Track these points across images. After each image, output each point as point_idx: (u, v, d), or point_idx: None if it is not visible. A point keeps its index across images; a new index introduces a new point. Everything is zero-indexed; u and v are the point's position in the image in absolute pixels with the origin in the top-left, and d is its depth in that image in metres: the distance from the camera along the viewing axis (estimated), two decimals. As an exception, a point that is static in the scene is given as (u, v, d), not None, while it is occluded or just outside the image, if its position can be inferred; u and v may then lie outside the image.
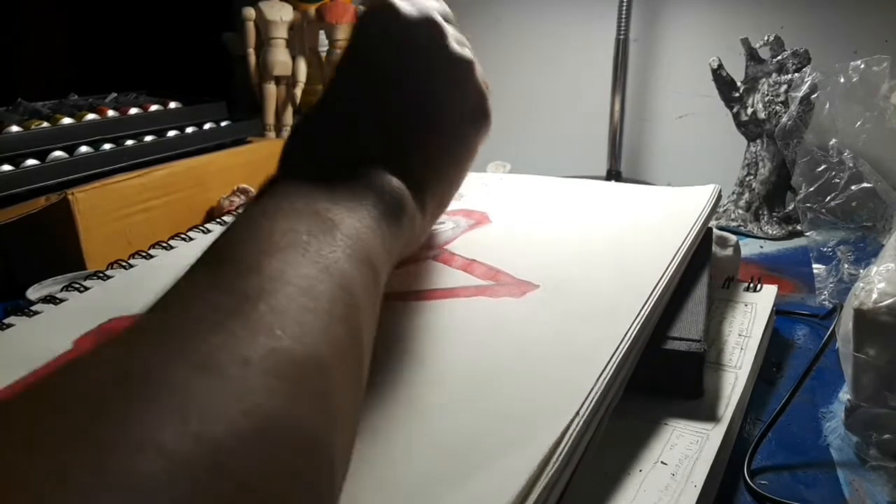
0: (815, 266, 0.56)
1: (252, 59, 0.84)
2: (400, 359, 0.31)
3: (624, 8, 0.85)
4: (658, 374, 0.35)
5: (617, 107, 0.89)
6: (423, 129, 0.31)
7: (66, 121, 0.60)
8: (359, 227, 0.25)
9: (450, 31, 0.32)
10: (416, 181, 0.30)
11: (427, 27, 0.31)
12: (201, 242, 0.45)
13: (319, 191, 0.26)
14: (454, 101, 0.32)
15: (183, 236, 0.45)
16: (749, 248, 0.69)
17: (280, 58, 0.84)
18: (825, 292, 0.54)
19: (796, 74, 0.72)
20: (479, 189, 0.53)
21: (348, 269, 0.23)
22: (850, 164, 0.57)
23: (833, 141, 0.59)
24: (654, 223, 0.44)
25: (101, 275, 0.41)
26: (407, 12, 0.31)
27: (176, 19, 1.02)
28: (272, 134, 0.85)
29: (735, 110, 0.76)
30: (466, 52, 0.33)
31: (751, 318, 0.44)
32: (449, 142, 0.33)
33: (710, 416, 0.34)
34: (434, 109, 0.32)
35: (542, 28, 0.98)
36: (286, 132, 0.86)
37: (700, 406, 0.35)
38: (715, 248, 0.48)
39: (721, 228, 0.69)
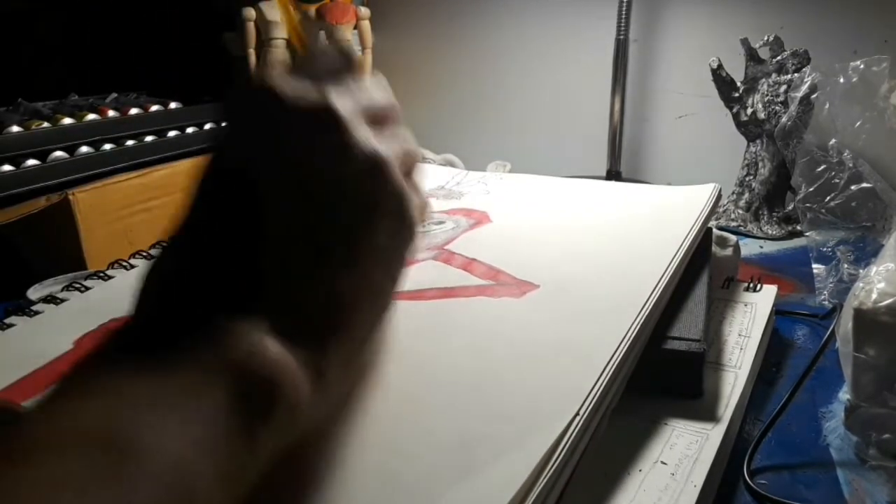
0: (814, 266, 0.56)
1: (252, 59, 0.84)
2: (400, 358, 0.31)
3: (624, 8, 0.86)
4: (658, 374, 0.35)
5: (617, 107, 0.90)
6: (308, 263, 0.22)
7: (67, 121, 0.60)
8: (179, 457, 0.17)
9: (354, 121, 0.23)
10: (307, 337, 0.22)
11: (318, 116, 0.22)
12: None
13: (134, 388, 0.18)
14: (359, 214, 0.23)
15: (183, 236, 0.45)
16: (749, 248, 0.69)
17: (280, 58, 0.84)
18: (825, 292, 0.54)
19: (796, 75, 0.72)
20: (479, 189, 0.53)
21: None
22: (850, 164, 0.57)
23: (833, 141, 0.59)
24: (654, 223, 0.44)
25: (101, 275, 0.41)
26: (289, 95, 0.22)
27: (176, 19, 1.02)
28: (272, 134, 0.85)
29: (735, 110, 0.76)
30: (381, 146, 0.24)
31: (750, 318, 0.44)
32: (354, 271, 0.23)
33: (710, 415, 0.34)
34: (327, 232, 0.23)
35: (542, 28, 0.98)
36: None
37: (700, 406, 0.35)
38: (715, 248, 0.48)
39: (721, 228, 0.69)
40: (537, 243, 0.42)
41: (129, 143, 0.63)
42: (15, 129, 0.56)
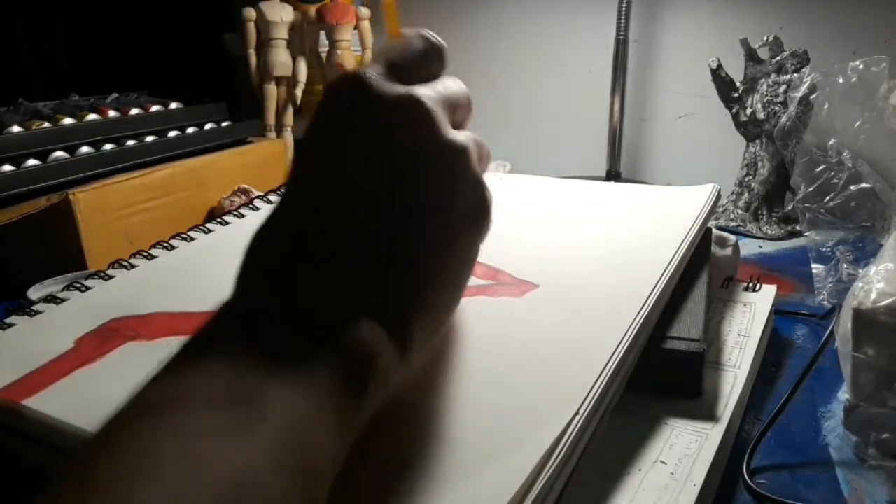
0: (814, 266, 0.56)
1: (252, 59, 0.84)
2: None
3: (624, 8, 0.86)
4: (657, 374, 0.35)
5: (616, 107, 0.90)
6: (402, 247, 0.24)
7: (68, 121, 0.60)
8: (299, 413, 0.19)
9: (437, 111, 0.25)
10: (397, 316, 0.24)
11: (409, 111, 0.25)
12: (202, 242, 0.45)
13: (255, 353, 0.20)
14: (444, 200, 0.25)
15: (184, 236, 0.45)
16: (748, 247, 0.69)
17: (280, 58, 0.84)
18: (824, 292, 0.54)
19: (795, 75, 0.72)
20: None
21: (266, 487, 0.18)
22: (849, 165, 0.57)
23: (832, 141, 0.59)
24: (654, 223, 0.45)
25: (102, 274, 0.41)
26: (382, 91, 0.24)
27: (176, 20, 1.02)
28: (272, 134, 0.85)
29: (734, 111, 0.77)
30: (460, 137, 0.26)
31: (750, 317, 0.44)
32: (439, 255, 0.25)
33: (710, 415, 0.34)
34: (417, 218, 0.25)
35: (542, 28, 0.98)
36: (287, 132, 0.86)
37: (699, 405, 0.35)
38: (714, 248, 0.48)
39: (720, 228, 0.69)
40: (537, 243, 0.42)
41: (130, 143, 0.63)
42: (16, 129, 0.56)
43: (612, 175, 0.92)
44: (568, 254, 0.41)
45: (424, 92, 0.25)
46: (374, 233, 0.24)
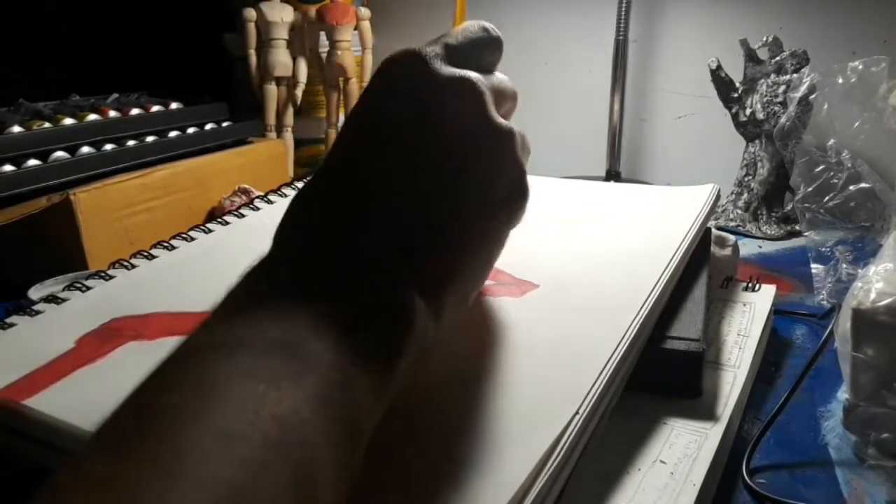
0: (813, 266, 0.56)
1: (252, 59, 0.84)
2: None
3: (623, 8, 0.86)
4: (657, 374, 0.35)
5: (616, 107, 0.90)
6: (445, 217, 0.25)
7: (68, 121, 0.60)
8: (343, 368, 0.21)
9: (489, 96, 0.27)
10: (434, 283, 0.24)
11: (462, 90, 0.26)
12: (202, 242, 0.45)
13: (303, 310, 0.22)
14: (488, 180, 0.26)
15: (184, 236, 0.45)
16: (748, 247, 0.69)
17: (281, 59, 0.84)
18: (823, 292, 0.54)
19: (795, 75, 0.72)
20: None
21: (311, 434, 0.19)
22: (849, 165, 0.57)
23: (831, 141, 0.59)
24: (653, 223, 0.45)
25: (102, 274, 0.41)
26: (438, 69, 0.25)
27: (176, 20, 1.02)
28: (273, 134, 0.85)
29: (734, 111, 0.77)
30: (506, 122, 0.27)
31: (749, 317, 0.44)
32: (478, 230, 0.26)
33: (709, 415, 0.34)
34: (462, 192, 0.25)
35: (542, 29, 0.99)
36: (287, 133, 0.86)
37: (699, 405, 0.35)
38: (714, 248, 0.48)
39: (720, 228, 0.69)
40: (537, 243, 0.42)
41: (130, 143, 0.63)
42: (16, 129, 0.56)
43: (612, 175, 0.92)
44: (567, 253, 0.41)
45: (477, 76, 0.26)
46: (417, 203, 0.25)
